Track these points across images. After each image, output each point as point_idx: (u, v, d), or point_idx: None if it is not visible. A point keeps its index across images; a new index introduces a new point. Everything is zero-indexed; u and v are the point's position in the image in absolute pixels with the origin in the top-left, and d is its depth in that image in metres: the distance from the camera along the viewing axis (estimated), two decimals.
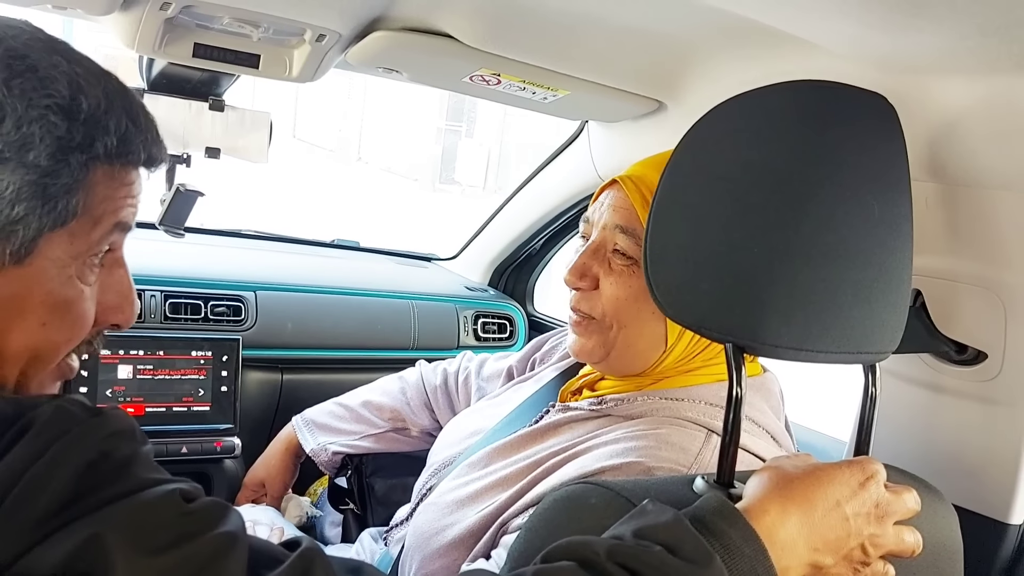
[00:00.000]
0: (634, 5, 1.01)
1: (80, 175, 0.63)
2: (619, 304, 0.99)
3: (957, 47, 0.78)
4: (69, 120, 0.61)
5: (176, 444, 1.57)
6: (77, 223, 0.64)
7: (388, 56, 1.24)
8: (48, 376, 0.69)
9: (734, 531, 0.64)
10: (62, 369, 0.70)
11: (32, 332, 0.64)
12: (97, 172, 0.64)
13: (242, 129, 1.40)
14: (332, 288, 1.91)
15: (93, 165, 0.64)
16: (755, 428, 0.97)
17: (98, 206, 0.65)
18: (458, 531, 0.99)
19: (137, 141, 0.67)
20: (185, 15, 1.11)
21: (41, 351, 0.65)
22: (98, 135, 0.63)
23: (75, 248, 0.64)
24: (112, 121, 0.64)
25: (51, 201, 0.61)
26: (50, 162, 0.60)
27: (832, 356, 0.73)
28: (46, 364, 0.67)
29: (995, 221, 0.94)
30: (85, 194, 0.63)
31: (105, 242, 0.67)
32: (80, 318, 0.67)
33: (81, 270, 0.66)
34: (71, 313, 0.66)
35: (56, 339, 0.66)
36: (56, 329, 0.65)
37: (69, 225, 0.63)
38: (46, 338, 0.65)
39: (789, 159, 0.72)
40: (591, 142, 1.70)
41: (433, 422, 1.49)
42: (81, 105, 0.62)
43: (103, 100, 0.64)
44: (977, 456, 1.00)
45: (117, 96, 0.66)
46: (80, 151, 0.62)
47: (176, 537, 0.54)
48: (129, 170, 0.68)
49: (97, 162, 0.64)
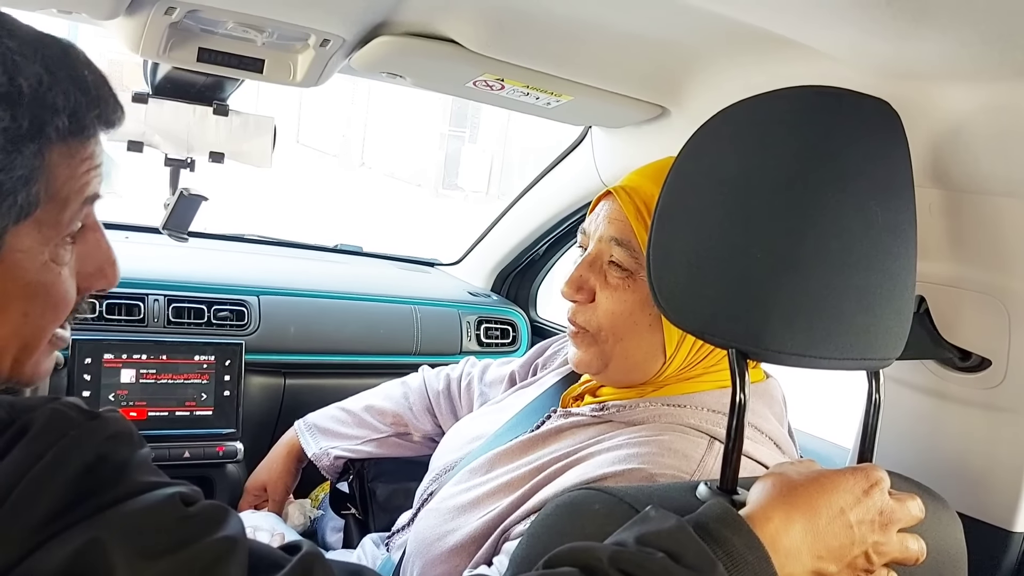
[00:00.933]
0: (638, 11, 1.01)
1: (36, 163, 0.59)
2: (615, 319, 0.99)
3: (960, 54, 0.78)
4: (12, 108, 0.57)
5: (178, 448, 1.57)
6: (42, 211, 0.61)
7: (392, 61, 1.24)
8: (42, 354, 0.68)
9: (737, 538, 0.64)
10: (53, 343, 0.69)
11: (16, 323, 0.63)
12: (53, 154, 0.61)
13: (246, 134, 1.40)
14: (335, 293, 1.91)
15: (48, 149, 0.60)
16: (758, 435, 0.96)
17: (62, 188, 0.62)
18: (460, 537, 0.98)
19: (90, 113, 0.63)
20: (190, 20, 1.11)
21: (28, 337, 0.65)
22: (47, 117, 0.59)
23: (45, 235, 0.62)
24: (59, 97, 0.60)
25: (9, 196, 0.58)
26: (1, 156, 0.57)
27: (836, 362, 0.72)
28: (36, 347, 0.66)
29: (999, 228, 0.94)
30: (45, 180, 0.60)
31: (76, 221, 0.65)
32: (61, 299, 0.66)
33: (55, 252, 0.64)
34: (52, 297, 0.65)
35: (41, 324, 0.65)
36: (39, 315, 0.64)
37: (34, 215, 0.61)
38: (31, 324, 0.64)
39: (792, 165, 0.72)
40: (594, 147, 1.70)
41: (435, 427, 1.49)
42: (21, 88, 0.57)
43: (44, 75, 0.59)
44: (981, 463, 1.00)
45: (59, 65, 0.61)
46: (30, 139, 0.58)
47: (176, 541, 0.54)
48: (88, 143, 0.64)
49: (51, 145, 0.60)
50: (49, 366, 0.70)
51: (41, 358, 0.68)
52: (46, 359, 0.70)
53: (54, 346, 0.70)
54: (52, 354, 0.70)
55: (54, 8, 1.06)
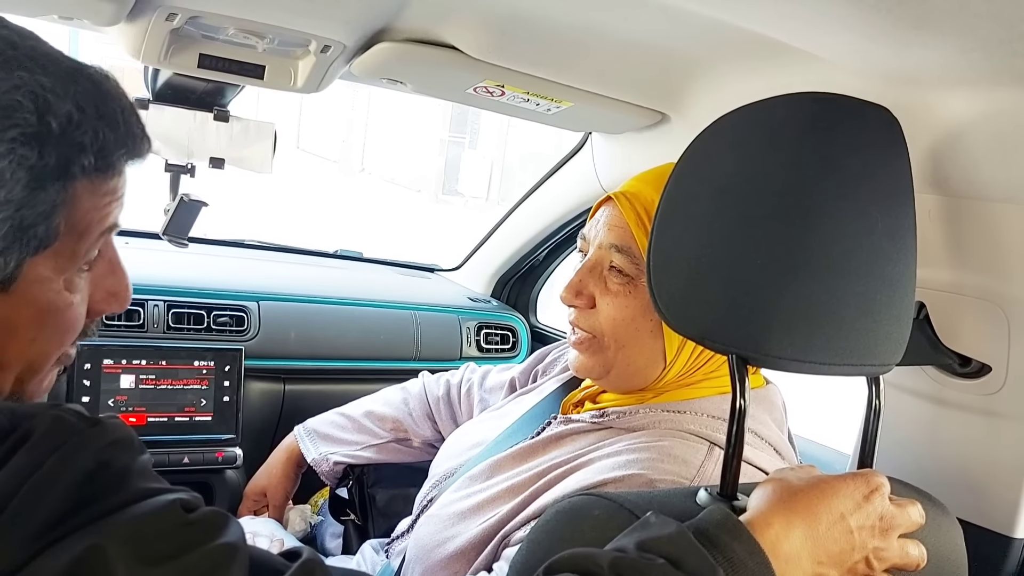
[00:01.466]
0: (638, 18, 1.02)
1: (59, 199, 0.59)
2: (616, 325, 0.99)
3: (960, 60, 0.78)
4: (40, 146, 0.57)
5: (178, 454, 1.57)
6: (61, 242, 0.61)
7: (392, 67, 1.24)
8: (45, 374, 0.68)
9: (738, 544, 0.64)
10: (60, 361, 0.69)
11: (23, 348, 0.63)
12: (76, 190, 0.61)
13: (246, 139, 1.40)
14: (335, 299, 1.91)
15: (72, 185, 0.60)
16: (758, 440, 0.96)
17: (82, 220, 0.62)
18: (460, 543, 0.98)
19: (117, 150, 0.63)
20: (191, 26, 1.12)
21: (33, 361, 0.65)
22: (74, 156, 0.59)
23: (60, 265, 0.62)
24: (87, 135, 0.60)
25: (30, 230, 0.58)
26: (25, 193, 0.57)
27: (835, 368, 0.73)
28: (41, 369, 0.66)
29: (998, 234, 0.94)
30: (67, 213, 0.60)
31: (93, 250, 0.65)
32: (71, 325, 0.66)
33: (69, 281, 0.64)
34: (61, 324, 0.65)
35: (47, 349, 0.65)
36: (46, 341, 0.64)
37: (53, 246, 0.61)
38: (37, 351, 0.64)
39: (792, 171, 0.72)
40: (594, 154, 1.70)
41: (435, 433, 1.49)
42: (51, 126, 0.57)
43: (75, 112, 0.59)
44: (981, 469, 1.00)
45: (88, 102, 0.61)
46: (56, 177, 0.58)
47: (176, 547, 0.54)
48: (113, 177, 0.64)
49: (76, 181, 0.60)
50: (51, 382, 0.70)
51: (45, 377, 0.68)
52: (49, 376, 0.69)
53: (59, 363, 0.69)
54: (54, 372, 0.70)
55: (55, 14, 1.06)
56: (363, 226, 10.96)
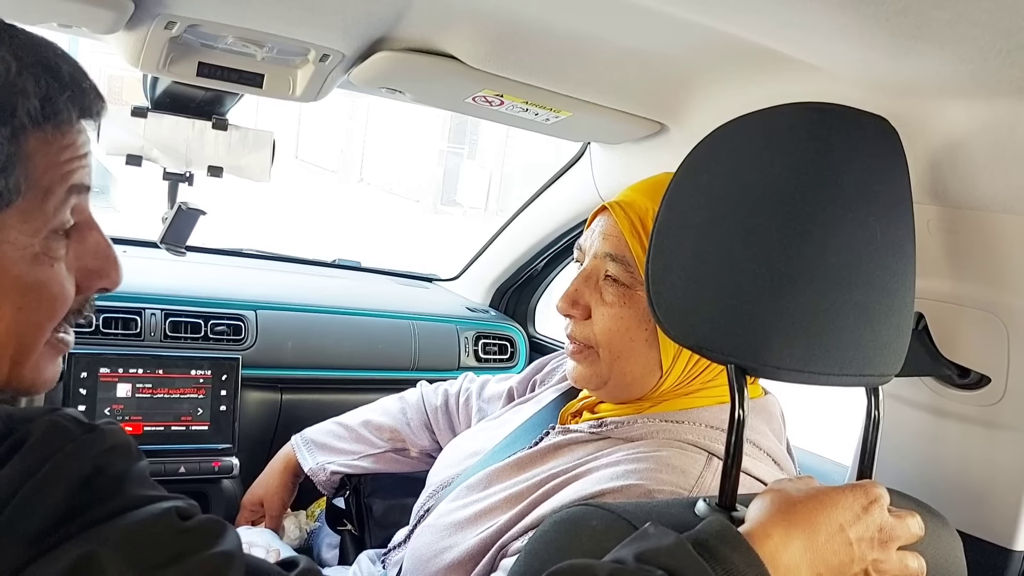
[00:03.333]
0: (637, 28, 1.02)
1: (11, 149, 0.59)
2: (611, 336, 0.99)
3: (959, 70, 0.78)
4: None
5: (174, 463, 1.56)
6: (24, 200, 0.61)
7: (391, 76, 1.25)
8: (42, 357, 0.67)
9: (737, 556, 0.64)
10: (55, 346, 0.68)
11: (9, 318, 0.62)
12: (30, 141, 0.60)
13: (245, 148, 1.40)
14: (333, 308, 1.91)
15: (22, 135, 0.60)
16: (756, 451, 0.96)
17: (43, 176, 0.61)
18: (457, 554, 0.98)
19: (63, 96, 0.62)
20: (190, 34, 1.12)
21: (24, 335, 0.64)
22: (17, 102, 0.59)
23: (31, 225, 0.62)
24: (28, 82, 0.59)
25: None
26: None
27: (835, 378, 0.72)
28: (33, 347, 0.65)
29: (997, 244, 0.94)
30: (24, 167, 0.60)
31: (63, 211, 0.64)
32: (57, 295, 0.65)
33: (46, 245, 0.63)
34: (46, 292, 0.64)
35: (36, 320, 0.64)
36: (34, 310, 0.63)
37: (16, 203, 0.60)
38: (26, 321, 0.63)
39: (791, 181, 0.72)
40: (593, 163, 1.70)
41: (433, 443, 1.49)
42: None
43: (12, 61, 0.59)
44: (980, 481, 0.99)
45: (27, 51, 0.60)
46: (1, 123, 0.58)
47: (172, 555, 0.53)
48: (65, 130, 0.63)
49: (25, 131, 0.60)
50: (54, 373, 0.69)
51: (41, 361, 0.67)
52: (48, 364, 0.68)
53: (56, 350, 0.69)
54: (56, 360, 0.69)
55: (54, 22, 1.06)
56: (361, 236, 10.96)
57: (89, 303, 0.70)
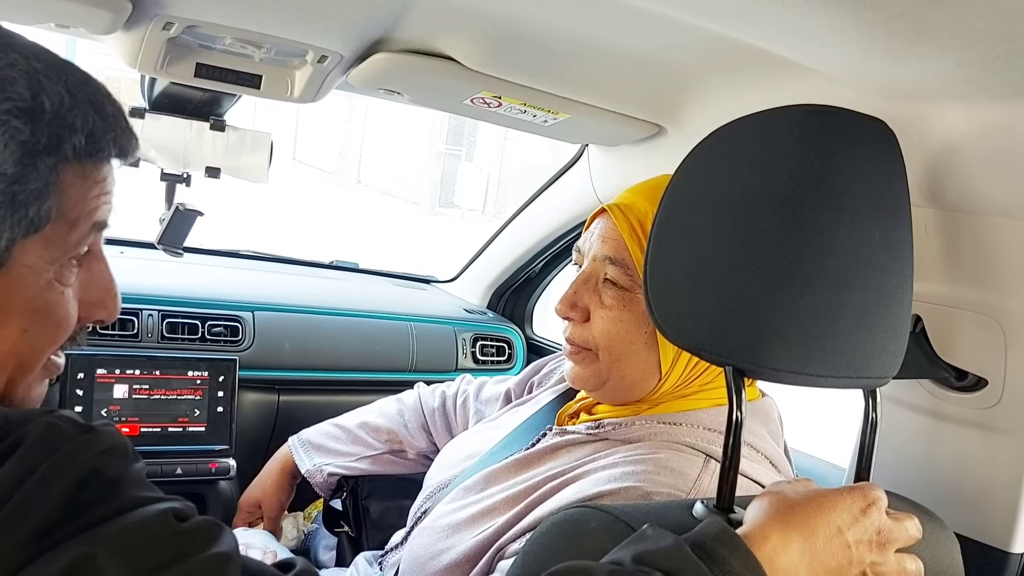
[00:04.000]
0: (635, 30, 1.02)
1: (50, 178, 0.60)
2: (611, 338, 0.99)
3: (957, 74, 0.78)
4: (33, 122, 0.59)
5: (171, 465, 1.56)
6: (52, 228, 0.62)
7: (389, 78, 1.25)
8: (35, 378, 0.68)
9: (735, 558, 0.64)
10: (48, 369, 0.69)
11: (14, 339, 0.63)
12: (68, 173, 0.62)
13: (243, 149, 1.40)
14: (330, 309, 1.91)
15: (63, 167, 0.61)
16: (754, 453, 0.96)
17: (72, 208, 0.63)
18: (454, 555, 0.98)
19: (106, 136, 0.64)
20: (188, 35, 1.12)
21: (25, 357, 0.64)
22: (65, 135, 0.61)
23: (51, 253, 0.63)
24: (78, 118, 0.62)
25: (21, 209, 0.59)
26: (17, 168, 0.58)
27: (832, 380, 0.72)
28: (31, 368, 0.66)
29: (995, 247, 0.94)
30: (57, 198, 0.61)
31: (83, 244, 0.66)
32: (63, 321, 0.66)
33: (60, 273, 0.65)
34: (53, 317, 0.65)
35: (39, 344, 0.65)
36: (38, 334, 0.64)
37: (43, 231, 0.61)
38: (29, 344, 0.64)
39: (789, 183, 0.72)
40: (591, 165, 1.71)
41: (430, 445, 1.49)
42: (44, 105, 0.59)
43: (66, 96, 0.61)
44: (978, 484, 0.99)
45: (80, 89, 0.63)
46: (47, 154, 0.60)
47: (169, 557, 0.53)
48: (101, 166, 0.65)
49: (67, 163, 0.62)
50: (41, 392, 0.70)
51: (34, 382, 0.68)
52: (39, 384, 0.69)
53: (48, 372, 0.70)
54: (45, 381, 0.70)
55: (52, 22, 1.06)
56: (359, 238, 10.96)
57: (84, 331, 0.71)
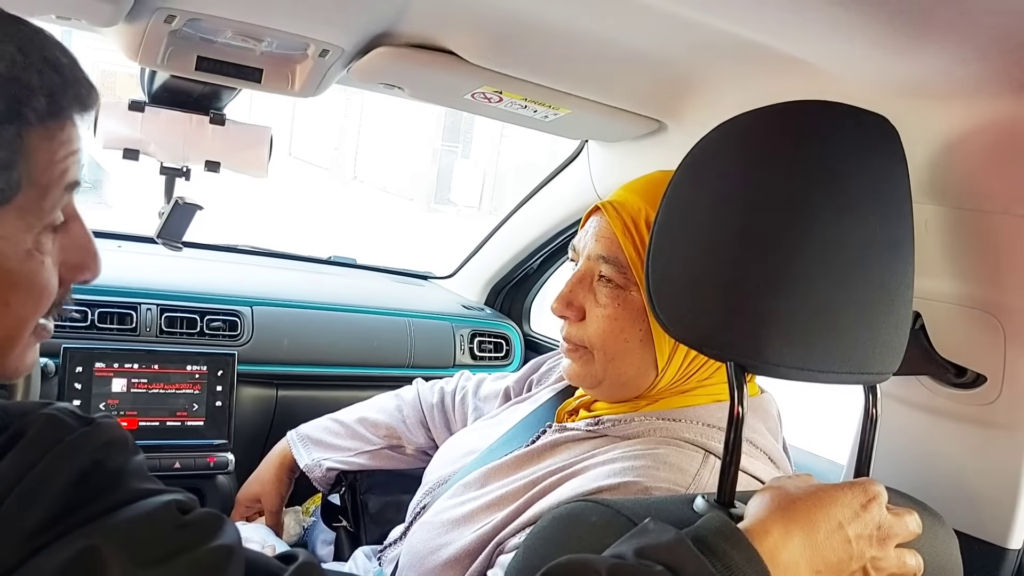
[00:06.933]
0: (636, 25, 1.02)
1: (15, 146, 0.59)
2: (606, 337, 0.99)
3: (960, 70, 0.78)
4: None
5: (169, 459, 1.56)
6: (23, 196, 0.60)
7: (390, 72, 1.24)
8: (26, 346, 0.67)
9: (737, 552, 0.64)
10: (37, 334, 0.68)
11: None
12: (32, 138, 0.60)
13: (242, 143, 1.40)
14: (328, 304, 1.91)
15: (26, 132, 0.59)
16: (753, 450, 0.96)
17: (42, 174, 0.61)
18: (453, 551, 0.98)
19: (68, 94, 0.62)
20: (189, 28, 1.11)
21: (11, 328, 0.64)
22: (23, 99, 0.58)
23: (26, 222, 0.61)
24: (34, 77, 0.59)
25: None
26: None
27: (834, 376, 0.73)
28: (19, 339, 0.65)
29: (995, 244, 0.94)
30: (25, 165, 0.59)
31: (57, 208, 0.64)
32: (44, 289, 0.65)
33: (37, 240, 0.63)
34: (35, 286, 0.64)
35: (23, 314, 0.64)
36: (20, 304, 0.63)
37: (15, 200, 0.60)
38: (14, 315, 0.63)
39: (791, 179, 0.72)
40: (590, 161, 1.70)
41: (429, 441, 1.49)
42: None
43: (18, 55, 0.58)
44: (976, 480, 1.00)
45: (33, 47, 0.60)
46: (8, 121, 0.58)
47: (172, 549, 0.54)
48: (65, 125, 0.63)
49: (29, 128, 0.59)
50: (33, 358, 0.69)
51: (24, 350, 0.67)
52: (29, 352, 0.68)
53: (38, 337, 0.68)
54: (36, 348, 0.69)
55: (53, 14, 1.06)
56: (355, 233, 10.94)
57: (69, 294, 0.70)
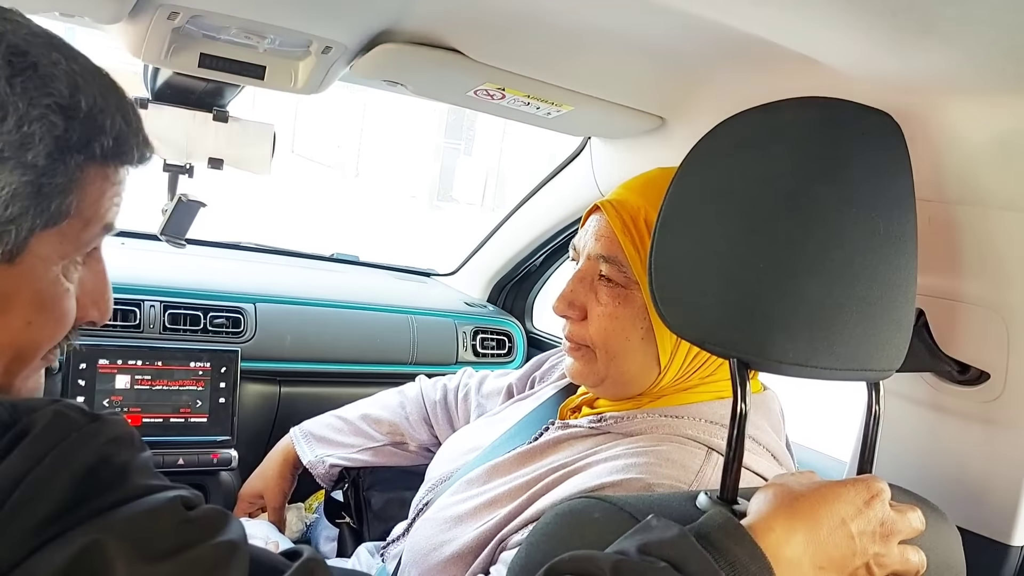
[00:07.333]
0: (639, 22, 1.02)
1: (75, 175, 0.62)
2: (607, 336, 0.99)
3: (964, 67, 0.78)
4: (67, 119, 0.61)
5: (172, 455, 1.56)
6: (68, 224, 0.63)
7: (393, 69, 1.24)
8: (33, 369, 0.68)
9: (740, 548, 0.64)
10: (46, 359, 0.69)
11: (16, 330, 0.63)
12: (91, 172, 0.64)
13: (245, 140, 1.40)
14: (331, 301, 1.91)
15: (88, 165, 0.63)
16: (755, 446, 0.96)
17: (90, 207, 0.64)
18: (456, 547, 0.98)
19: (131, 141, 0.66)
20: (192, 25, 1.11)
21: (24, 349, 0.65)
22: (95, 135, 0.63)
23: (64, 248, 0.64)
24: (108, 120, 0.64)
25: (45, 201, 0.61)
26: (47, 162, 0.60)
27: (837, 373, 0.73)
28: (28, 362, 0.66)
29: (998, 241, 0.94)
30: (78, 195, 0.63)
31: (93, 243, 0.67)
32: (64, 316, 0.67)
33: (67, 268, 0.66)
34: (56, 311, 0.65)
35: (39, 337, 0.65)
36: (40, 327, 0.65)
37: (61, 225, 0.62)
38: (29, 337, 0.64)
39: (795, 176, 0.72)
40: (593, 158, 1.70)
41: (432, 437, 1.49)
42: (80, 104, 0.61)
43: (99, 98, 0.63)
44: (979, 477, 1.00)
45: (111, 94, 0.65)
46: (77, 151, 0.62)
47: (177, 544, 0.54)
48: (120, 170, 0.67)
49: (92, 162, 0.63)
50: (39, 382, 0.71)
51: (32, 372, 0.68)
52: (36, 376, 0.70)
53: (46, 362, 0.70)
54: (41, 374, 0.71)
55: (57, 11, 1.06)
56: (358, 230, 10.94)
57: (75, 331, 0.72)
